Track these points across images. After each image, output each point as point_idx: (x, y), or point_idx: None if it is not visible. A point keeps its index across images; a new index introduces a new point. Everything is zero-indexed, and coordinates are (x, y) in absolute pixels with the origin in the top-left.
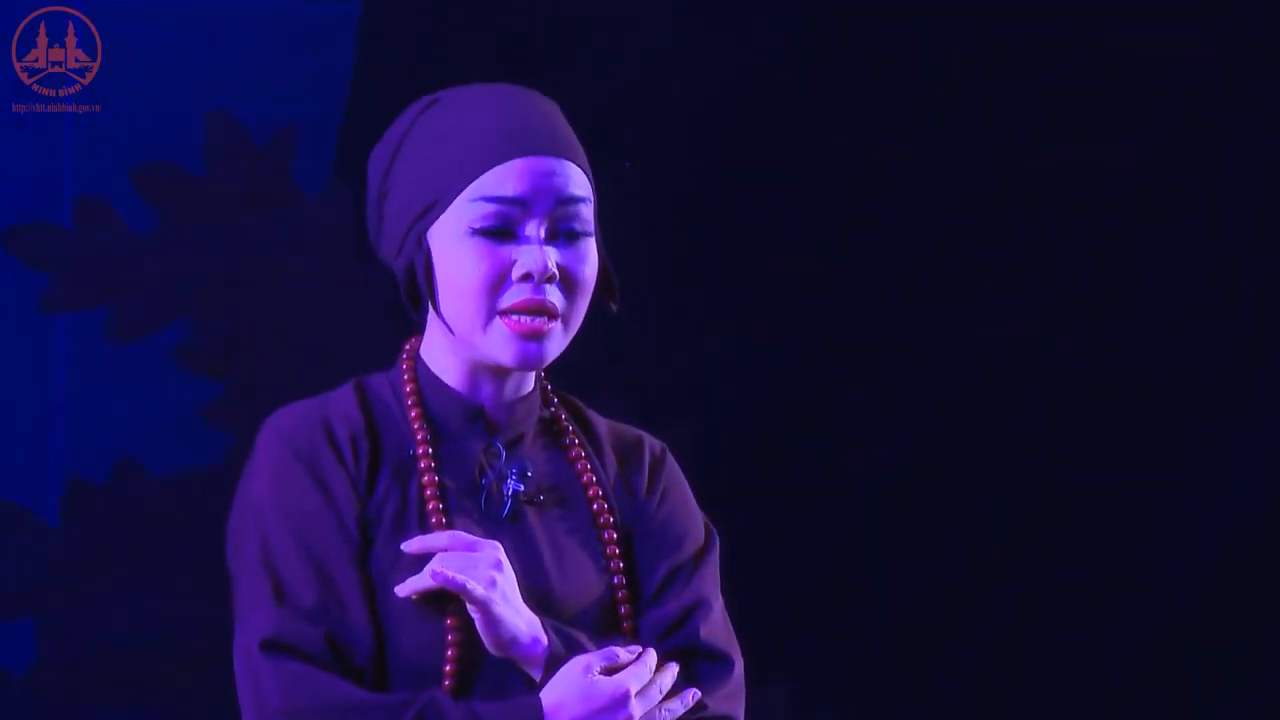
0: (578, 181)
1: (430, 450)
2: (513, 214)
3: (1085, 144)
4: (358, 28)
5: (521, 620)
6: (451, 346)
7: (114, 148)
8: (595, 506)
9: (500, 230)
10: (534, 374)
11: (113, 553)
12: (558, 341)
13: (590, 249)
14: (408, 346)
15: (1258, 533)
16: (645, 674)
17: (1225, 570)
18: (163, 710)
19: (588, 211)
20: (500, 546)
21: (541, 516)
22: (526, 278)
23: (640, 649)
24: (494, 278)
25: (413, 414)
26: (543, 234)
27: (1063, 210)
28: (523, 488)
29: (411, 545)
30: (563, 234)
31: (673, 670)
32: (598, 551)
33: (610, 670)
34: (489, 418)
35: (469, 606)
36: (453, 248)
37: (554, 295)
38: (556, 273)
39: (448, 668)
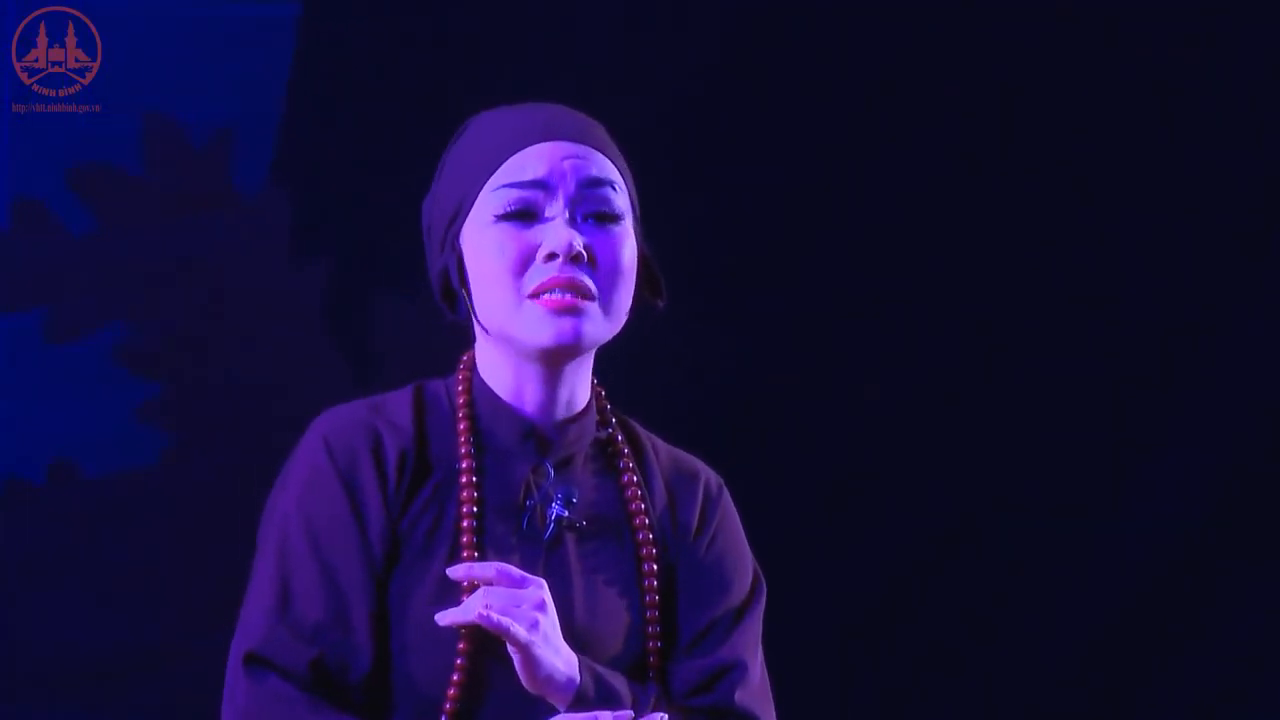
0: (603, 166)
1: (474, 466)
2: (535, 198)
3: (1030, 157)
4: (296, 29)
5: (560, 660)
6: (497, 355)
7: (50, 148)
8: (640, 537)
9: (524, 214)
10: (588, 389)
11: (48, 553)
12: (597, 324)
13: (624, 234)
14: (465, 357)
15: (1194, 527)
16: None
17: (1168, 563)
18: (96, 711)
19: (617, 197)
20: (545, 585)
21: (582, 545)
22: (552, 257)
23: (627, 714)
24: (519, 260)
25: (461, 427)
26: (567, 215)
27: (1013, 219)
28: (567, 513)
29: (457, 572)
30: (591, 217)
31: None
32: (635, 588)
33: None
34: (541, 436)
35: (509, 646)
36: (479, 239)
37: (584, 275)
38: (584, 253)
39: (451, 691)
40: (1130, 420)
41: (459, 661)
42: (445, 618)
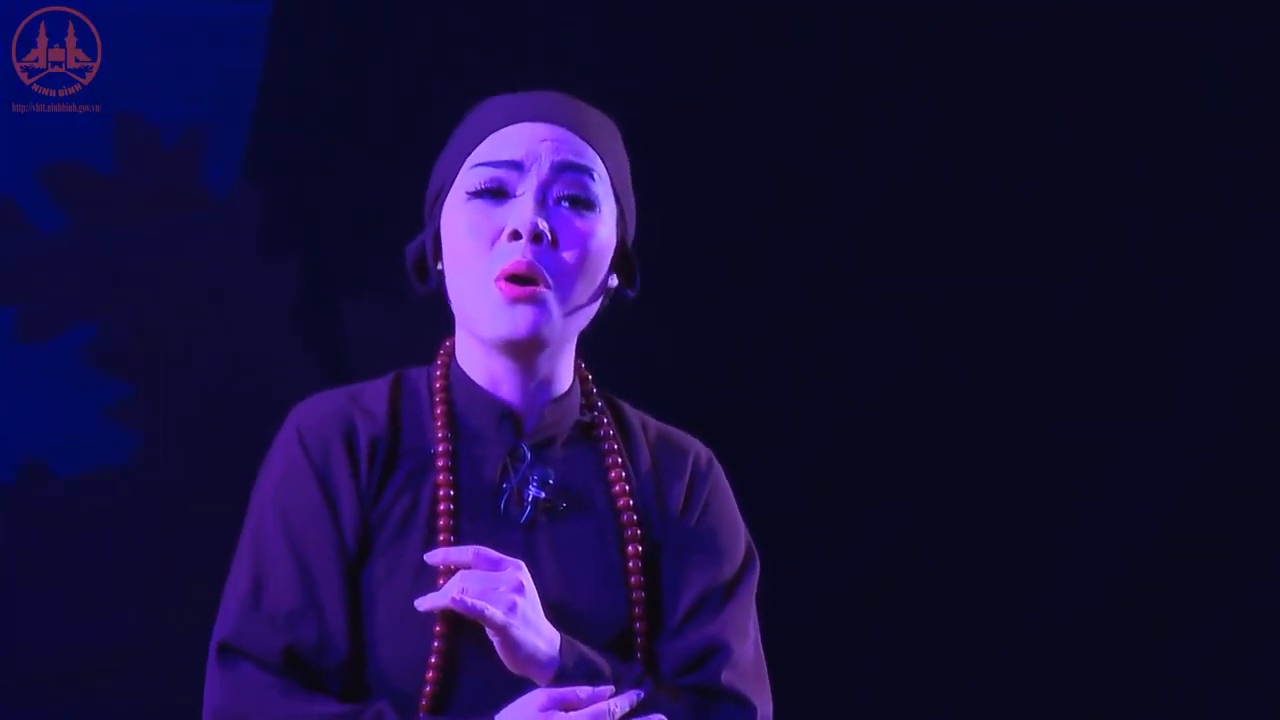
0: (583, 152)
1: (450, 450)
2: (507, 177)
3: (1018, 149)
4: (267, 28)
5: (541, 640)
6: (473, 340)
7: (21, 147)
8: (624, 518)
9: (494, 192)
10: (569, 373)
11: (19, 554)
12: (554, 316)
13: (596, 222)
14: (447, 343)
15: (1172, 531)
16: (604, 716)
17: (1149, 556)
18: (67, 713)
19: (595, 185)
20: (523, 566)
21: (562, 527)
22: (515, 236)
23: (606, 689)
24: (485, 237)
25: (438, 411)
26: (536, 196)
27: (1001, 210)
28: (543, 495)
29: (435, 557)
30: (564, 200)
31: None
32: (618, 567)
33: (568, 707)
34: (517, 419)
35: (488, 629)
36: (452, 215)
37: (544, 258)
38: (547, 233)
39: (430, 674)
40: (1120, 411)
41: (436, 645)
42: (423, 603)
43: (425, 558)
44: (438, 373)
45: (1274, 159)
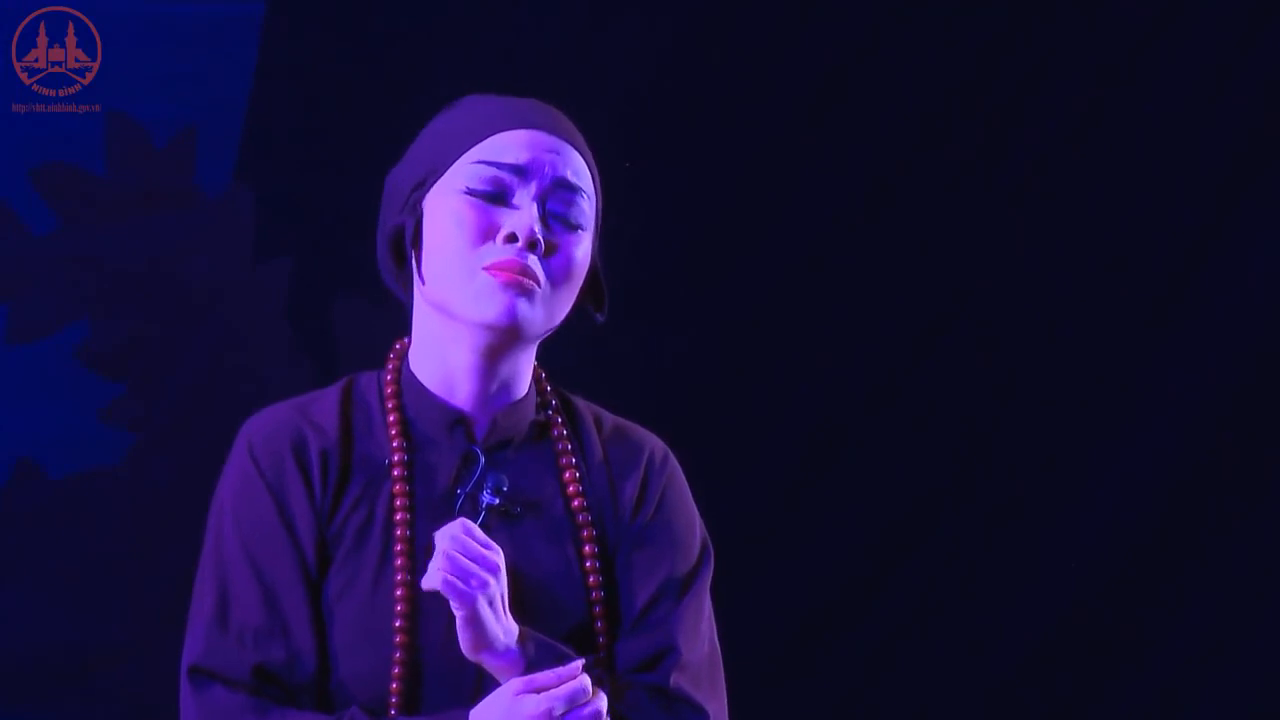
0: (580, 173)
1: (406, 458)
2: (509, 181)
3: (990, 150)
4: (260, 28)
5: (500, 629)
6: (430, 341)
7: (12, 147)
8: (580, 519)
9: (494, 194)
10: (527, 379)
11: (11, 554)
12: (540, 311)
13: (583, 243)
14: (398, 346)
15: (1139, 533)
16: (580, 695)
17: (1116, 560)
18: (59, 712)
19: (586, 206)
20: (501, 553)
21: (517, 530)
22: (511, 239)
23: (578, 669)
24: (479, 235)
25: (391, 418)
26: (536, 206)
27: (970, 213)
28: (497, 501)
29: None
30: (558, 217)
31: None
32: (576, 567)
33: (542, 690)
34: (469, 425)
35: (451, 604)
36: (444, 207)
37: (536, 265)
38: (542, 242)
39: (394, 685)
40: (1087, 414)
41: (398, 655)
42: (426, 584)
43: (434, 535)
44: (389, 378)
45: (1258, 154)
